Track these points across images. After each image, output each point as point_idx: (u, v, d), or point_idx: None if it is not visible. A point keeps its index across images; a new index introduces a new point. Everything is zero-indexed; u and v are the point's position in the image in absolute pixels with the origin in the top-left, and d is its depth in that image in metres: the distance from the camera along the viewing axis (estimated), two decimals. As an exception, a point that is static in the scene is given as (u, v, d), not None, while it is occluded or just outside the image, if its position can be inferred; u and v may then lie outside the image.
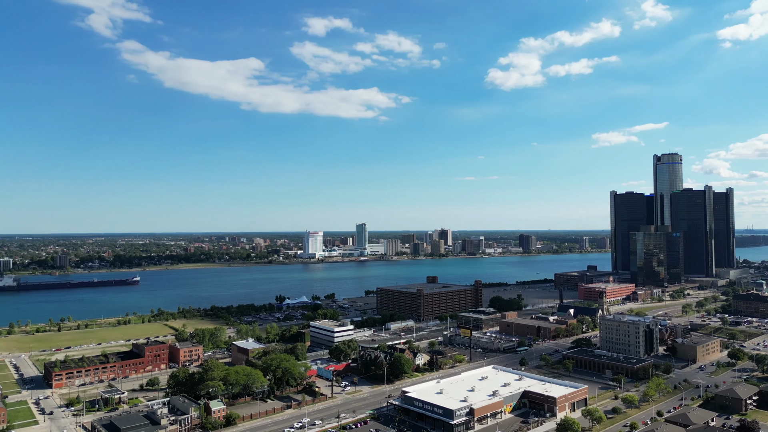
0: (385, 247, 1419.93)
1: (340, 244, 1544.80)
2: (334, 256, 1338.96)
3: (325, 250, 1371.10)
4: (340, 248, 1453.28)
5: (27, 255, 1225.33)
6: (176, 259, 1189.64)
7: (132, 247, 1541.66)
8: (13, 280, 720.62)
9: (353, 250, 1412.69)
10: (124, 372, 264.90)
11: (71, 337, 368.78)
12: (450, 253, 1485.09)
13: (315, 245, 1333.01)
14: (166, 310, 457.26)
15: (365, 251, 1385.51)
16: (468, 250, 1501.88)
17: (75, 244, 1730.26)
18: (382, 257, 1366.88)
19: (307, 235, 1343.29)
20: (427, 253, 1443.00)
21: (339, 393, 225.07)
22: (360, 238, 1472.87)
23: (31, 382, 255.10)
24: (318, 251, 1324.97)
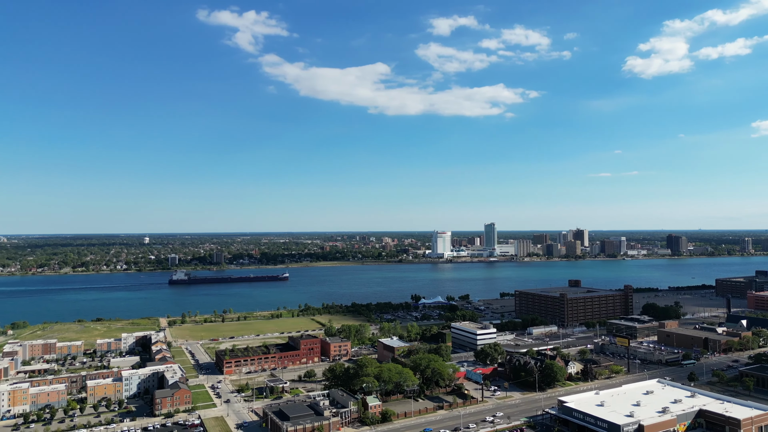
0: (515, 248, 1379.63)
1: (468, 245, 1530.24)
2: (463, 257, 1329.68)
3: (453, 250, 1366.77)
4: (468, 248, 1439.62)
5: (189, 252, 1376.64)
6: (315, 257, 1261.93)
7: (274, 246, 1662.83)
8: (185, 275, 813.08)
9: (482, 251, 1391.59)
10: (282, 363, 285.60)
11: (233, 328, 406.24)
12: (587, 254, 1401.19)
13: (443, 245, 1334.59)
14: (312, 306, 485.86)
15: (494, 252, 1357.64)
16: (607, 251, 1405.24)
17: (226, 242, 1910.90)
18: (512, 258, 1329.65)
19: (435, 235, 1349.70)
20: (562, 254, 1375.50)
21: (489, 397, 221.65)
22: (489, 238, 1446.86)
23: (205, 368, 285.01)
24: (446, 251, 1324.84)
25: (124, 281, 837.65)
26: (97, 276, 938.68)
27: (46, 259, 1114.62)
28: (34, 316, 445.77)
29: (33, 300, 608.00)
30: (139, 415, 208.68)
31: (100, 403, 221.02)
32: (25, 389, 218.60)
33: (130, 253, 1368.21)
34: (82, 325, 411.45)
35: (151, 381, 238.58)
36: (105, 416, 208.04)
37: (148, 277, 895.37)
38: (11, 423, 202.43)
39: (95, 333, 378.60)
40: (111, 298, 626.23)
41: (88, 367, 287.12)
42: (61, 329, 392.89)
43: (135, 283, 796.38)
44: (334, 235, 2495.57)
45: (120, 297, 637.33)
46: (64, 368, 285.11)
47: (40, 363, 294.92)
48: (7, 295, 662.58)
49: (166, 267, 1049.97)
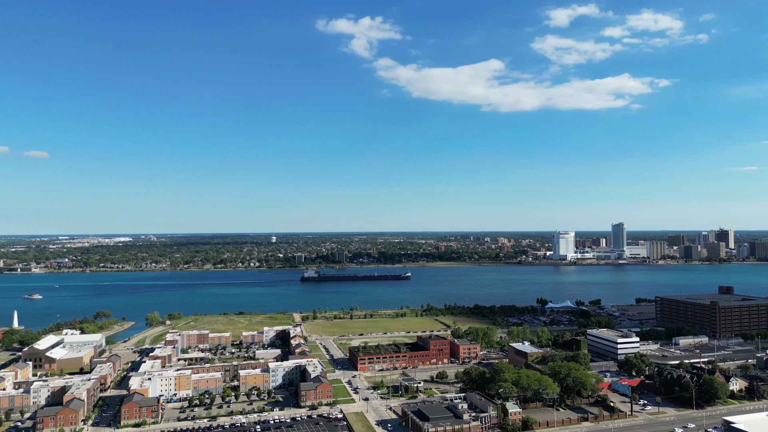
0: (647, 250, 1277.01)
1: (593, 246, 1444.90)
2: (588, 259, 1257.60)
3: (577, 251, 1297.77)
4: (593, 250, 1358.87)
5: (312, 251, 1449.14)
6: (430, 257, 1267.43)
7: (390, 245, 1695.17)
8: (315, 272, 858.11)
9: (609, 252, 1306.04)
10: (413, 362, 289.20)
11: (361, 325, 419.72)
12: (732, 257, 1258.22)
13: (566, 246, 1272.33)
14: (434, 306, 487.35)
15: (623, 254, 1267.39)
16: (758, 254, 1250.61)
17: (345, 241, 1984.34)
18: (644, 261, 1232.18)
19: (557, 236, 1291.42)
20: (702, 257, 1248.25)
21: (638, 412, 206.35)
22: (616, 238, 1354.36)
23: (340, 364, 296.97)
24: (569, 253, 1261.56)
25: (257, 278, 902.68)
26: (234, 272, 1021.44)
27: (190, 256, 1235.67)
28: (186, 308, 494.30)
29: (183, 293, 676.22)
30: (286, 406, 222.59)
31: (251, 392, 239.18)
32: (188, 376, 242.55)
33: (260, 251, 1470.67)
34: (228, 318, 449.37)
35: (294, 373, 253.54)
36: (256, 404, 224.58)
37: (276, 274, 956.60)
38: (178, 405, 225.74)
39: (239, 325, 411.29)
40: (249, 293, 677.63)
41: (237, 357, 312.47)
42: (210, 321, 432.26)
43: (269, 280, 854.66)
44: (447, 235, 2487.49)
45: (257, 292, 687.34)
46: (216, 357, 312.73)
47: (195, 352, 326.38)
48: (162, 288, 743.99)
49: (293, 265, 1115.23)
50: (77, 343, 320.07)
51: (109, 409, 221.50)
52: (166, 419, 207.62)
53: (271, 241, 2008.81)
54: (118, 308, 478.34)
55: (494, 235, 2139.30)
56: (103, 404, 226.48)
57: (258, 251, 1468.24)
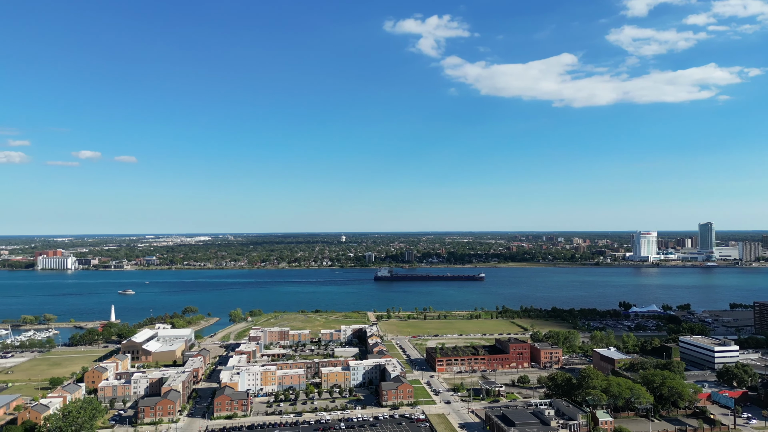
0: (739, 251, 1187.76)
1: (677, 247, 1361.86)
2: (671, 260, 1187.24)
3: (660, 252, 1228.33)
4: (678, 251, 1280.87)
5: (382, 250, 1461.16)
6: (502, 258, 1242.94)
7: (459, 245, 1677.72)
8: (388, 272, 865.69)
9: (696, 254, 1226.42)
10: (492, 365, 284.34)
11: (435, 326, 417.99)
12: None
13: (647, 247, 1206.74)
14: (509, 308, 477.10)
15: (712, 255, 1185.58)
16: None
17: (413, 241, 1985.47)
18: (735, 263, 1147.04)
19: (637, 236, 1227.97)
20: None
21: (742, 426, 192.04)
22: (704, 239, 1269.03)
23: (417, 364, 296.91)
24: (651, 254, 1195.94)
25: (330, 276, 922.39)
26: (308, 270, 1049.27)
27: (266, 255, 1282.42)
28: (265, 305, 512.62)
29: (261, 290, 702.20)
30: (367, 404, 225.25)
31: (332, 389, 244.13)
32: (273, 371, 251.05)
33: (331, 250, 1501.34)
34: (305, 316, 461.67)
35: (374, 372, 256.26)
36: (339, 402, 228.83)
37: (347, 273, 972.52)
38: (265, 400, 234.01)
39: (317, 323, 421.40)
40: (323, 291, 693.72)
41: (316, 355, 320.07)
42: (289, 318, 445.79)
43: (342, 279, 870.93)
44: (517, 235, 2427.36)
45: (331, 291, 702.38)
46: (297, 354, 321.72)
47: (277, 348, 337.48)
48: (242, 285, 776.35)
49: (364, 264, 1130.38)
50: (170, 337, 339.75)
51: (202, 401, 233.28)
52: (254, 413, 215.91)
53: (340, 241, 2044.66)
54: (203, 304, 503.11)
55: (568, 235, 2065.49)
56: (196, 396, 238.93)
57: (329, 250, 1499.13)
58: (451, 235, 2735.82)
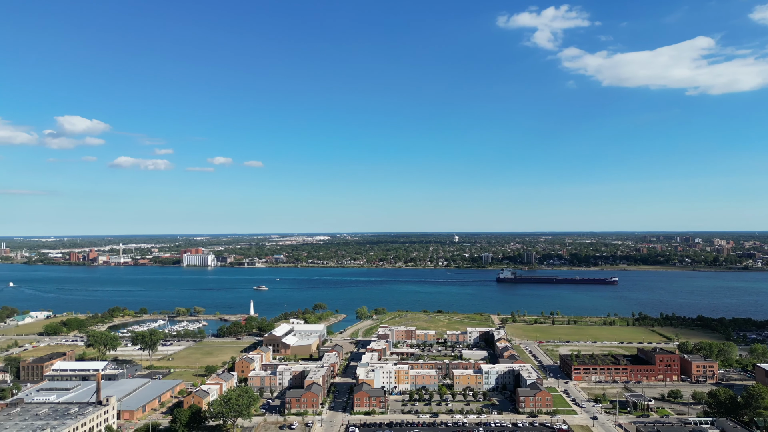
0: None
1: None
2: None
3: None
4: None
5: (498, 251, 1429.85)
6: (631, 260, 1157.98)
7: (581, 246, 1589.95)
8: (511, 273, 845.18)
9: None
10: (635, 377, 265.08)
11: (564, 331, 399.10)
12: None
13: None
14: (647, 315, 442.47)
15: None
16: None
17: (529, 241, 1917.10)
18: None
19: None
20: None
21: None
22: None
23: (550, 371, 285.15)
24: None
25: (448, 276, 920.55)
26: (424, 270, 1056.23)
27: (383, 254, 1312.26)
28: (387, 303, 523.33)
29: (381, 289, 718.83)
30: (503, 410, 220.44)
31: (465, 392, 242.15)
32: (406, 370, 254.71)
33: (445, 250, 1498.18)
34: (428, 316, 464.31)
35: (507, 377, 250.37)
36: (473, 405, 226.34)
37: (465, 274, 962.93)
38: (399, 398, 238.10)
39: (440, 324, 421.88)
40: (442, 291, 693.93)
41: (444, 356, 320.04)
42: (413, 318, 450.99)
43: (461, 279, 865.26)
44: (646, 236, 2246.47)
45: (450, 291, 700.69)
46: (424, 354, 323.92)
47: (404, 347, 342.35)
48: (363, 284, 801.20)
49: (480, 265, 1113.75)
50: (305, 332, 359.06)
51: (341, 395, 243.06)
52: (391, 410, 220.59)
53: (454, 241, 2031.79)
54: (329, 301, 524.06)
55: (707, 236, 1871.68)
56: (335, 390, 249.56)
57: (443, 250, 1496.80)
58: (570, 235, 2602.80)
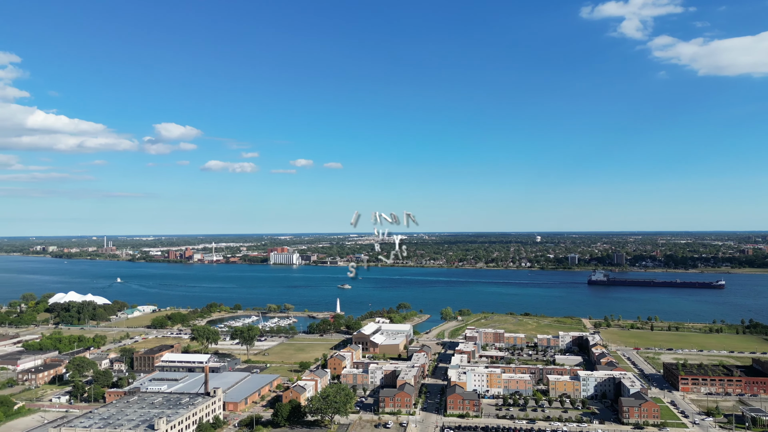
0: None
1: None
2: None
3: None
4: None
5: (584, 251, 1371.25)
6: (735, 262, 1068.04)
7: (675, 247, 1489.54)
8: (604, 275, 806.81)
9: None
10: (752, 389, 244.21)
11: (664, 338, 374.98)
12: None
13: None
14: (760, 323, 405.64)
15: None
16: None
17: (617, 241, 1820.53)
18: None
19: None
20: None
21: None
22: None
23: (653, 380, 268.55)
24: None
25: (532, 278, 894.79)
26: (506, 271, 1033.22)
27: (462, 254, 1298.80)
28: (470, 304, 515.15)
29: (463, 290, 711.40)
30: (605, 419, 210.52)
31: (562, 399, 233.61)
32: (499, 374, 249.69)
33: (527, 251, 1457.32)
34: (515, 318, 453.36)
35: (607, 385, 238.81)
36: (571, 413, 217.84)
37: (550, 275, 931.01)
38: (492, 402, 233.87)
39: (528, 327, 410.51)
40: (528, 293, 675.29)
41: (535, 360, 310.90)
42: (499, 320, 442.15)
43: (547, 281, 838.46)
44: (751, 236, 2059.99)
45: (536, 293, 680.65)
46: (515, 358, 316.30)
47: (492, 350, 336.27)
48: (444, 284, 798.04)
49: (566, 266, 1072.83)
50: (392, 331, 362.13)
51: (432, 396, 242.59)
52: (485, 414, 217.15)
53: (535, 241, 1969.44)
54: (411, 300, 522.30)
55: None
56: (426, 391, 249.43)
57: (525, 251, 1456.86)
58: (663, 235, 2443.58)
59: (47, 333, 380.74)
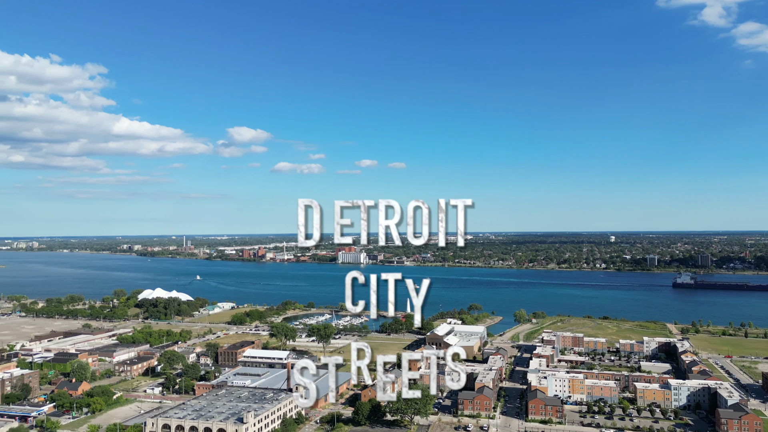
0: None
1: None
2: None
3: None
4: None
5: (664, 252, 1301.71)
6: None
7: (766, 248, 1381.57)
8: (690, 278, 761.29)
9: None
10: None
11: (761, 345, 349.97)
12: None
13: None
14: None
15: None
16: None
17: (699, 242, 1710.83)
18: None
19: None
20: None
21: None
22: None
23: (753, 391, 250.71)
24: None
25: (605, 280, 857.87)
26: (579, 273, 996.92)
27: (532, 255, 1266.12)
28: (545, 306, 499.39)
29: (535, 291, 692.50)
30: (700, 431, 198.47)
31: (652, 408, 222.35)
32: (581, 380, 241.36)
33: (601, 251, 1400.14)
34: (594, 322, 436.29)
35: (701, 395, 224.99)
36: (663, 423, 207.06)
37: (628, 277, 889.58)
38: (576, 409, 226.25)
39: (608, 331, 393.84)
40: (604, 296, 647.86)
41: (618, 366, 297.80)
42: (576, 323, 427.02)
43: (625, 284, 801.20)
44: None
45: (613, 296, 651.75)
46: (596, 363, 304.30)
47: (571, 354, 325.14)
48: (515, 285, 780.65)
49: (645, 268, 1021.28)
50: (465, 333, 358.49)
51: (511, 401, 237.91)
52: (569, 421, 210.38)
53: (609, 241, 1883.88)
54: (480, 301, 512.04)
55: None
56: (504, 395, 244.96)
57: (599, 251, 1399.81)
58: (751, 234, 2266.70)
59: (138, 327, 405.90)
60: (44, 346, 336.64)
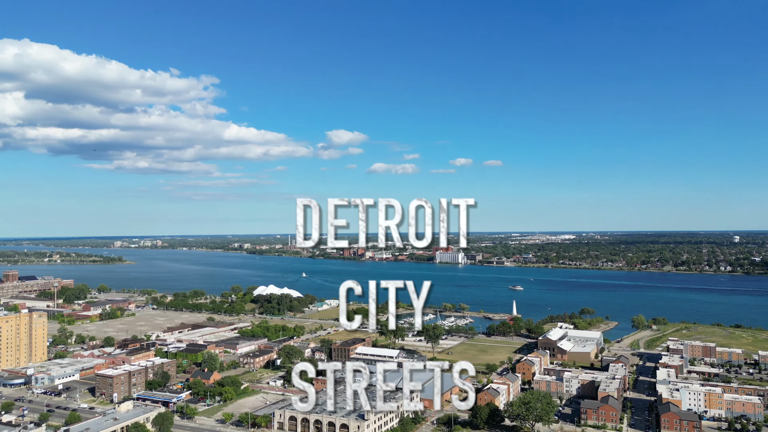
0: None
1: None
2: None
3: None
4: None
5: None
6: None
7: None
8: None
9: None
10: None
11: None
12: None
13: None
14: None
15: None
16: None
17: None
18: None
19: None
20: None
21: None
22: None
23: None
24: None
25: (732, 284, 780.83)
26: (700, 276, 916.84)
27: (645, 256, 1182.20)
28: (666, 312, 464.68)
29: (650, 295, 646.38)
30: None
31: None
32: (719, 394, 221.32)
33: (723, 252, 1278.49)
34: (724, 330, 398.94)
35: None
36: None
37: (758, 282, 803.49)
38: (713, 425, 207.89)
39: (743, 341, 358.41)
40: (732, 302, 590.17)
41: (759, 380, 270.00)
42: (704, 332, 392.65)
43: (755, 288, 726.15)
44: None
45: (744, 302, 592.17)
46: (732, 376, 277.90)
47: (701, 365, 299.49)
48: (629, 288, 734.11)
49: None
50: (579, 338, 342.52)
51: (638, 413, 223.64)
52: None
53: (732, 241, 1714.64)
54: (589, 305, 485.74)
55: None
56: (630, 406, 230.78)
57: (722, 252, 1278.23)
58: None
59: (255, 322, 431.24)
60: (176, 337, 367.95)
